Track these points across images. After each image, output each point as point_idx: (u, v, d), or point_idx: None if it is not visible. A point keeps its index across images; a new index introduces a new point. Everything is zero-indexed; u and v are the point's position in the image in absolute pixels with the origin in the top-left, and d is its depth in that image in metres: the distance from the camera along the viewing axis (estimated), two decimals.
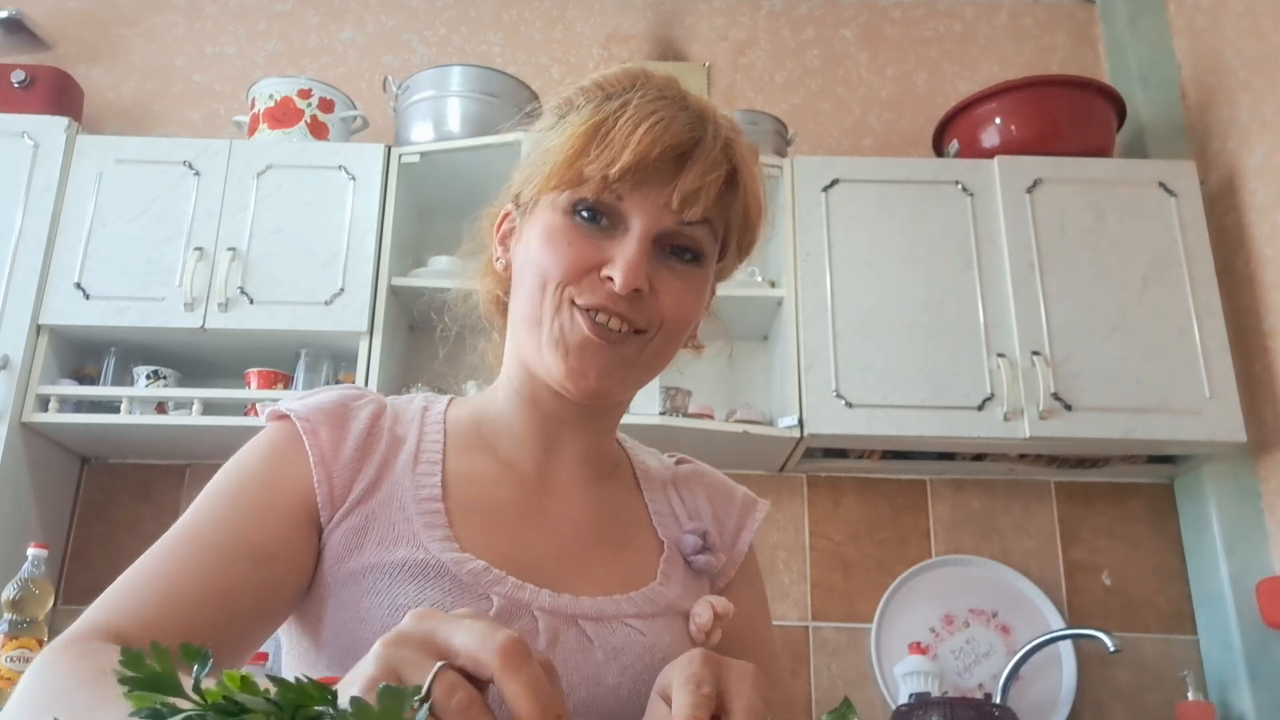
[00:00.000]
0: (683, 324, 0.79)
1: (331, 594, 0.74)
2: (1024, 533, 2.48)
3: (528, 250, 0.78)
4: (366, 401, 0.82)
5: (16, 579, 1.96)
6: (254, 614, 0.70)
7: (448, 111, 2.46)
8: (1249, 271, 2.39)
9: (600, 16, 2.94)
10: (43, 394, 2.21)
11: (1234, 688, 2.25)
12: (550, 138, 0.79)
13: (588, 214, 0.75)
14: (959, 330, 2.28)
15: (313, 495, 0.75)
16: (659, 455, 0.95)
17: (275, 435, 0.79)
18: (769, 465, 2.46)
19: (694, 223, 0.75)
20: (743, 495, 0.94)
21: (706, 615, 0.78)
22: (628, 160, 0.72)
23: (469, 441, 0.83)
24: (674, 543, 0.85)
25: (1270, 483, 2.30)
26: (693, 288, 0.78)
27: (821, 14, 2.96)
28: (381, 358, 2.24)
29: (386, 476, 0.77)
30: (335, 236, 2.30)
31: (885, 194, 2.38)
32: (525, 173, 0.81)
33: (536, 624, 0.73)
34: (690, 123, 0.75)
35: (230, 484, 0.75)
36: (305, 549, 0.74)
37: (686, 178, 0.74)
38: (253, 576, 0.70)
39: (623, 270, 0.73)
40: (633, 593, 0.79)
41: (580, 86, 0.81)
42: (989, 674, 2.33)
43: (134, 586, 0.68)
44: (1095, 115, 2.48)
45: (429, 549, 0.73)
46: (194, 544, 0.70)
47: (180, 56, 2.88)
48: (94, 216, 2.30)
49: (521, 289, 0.79)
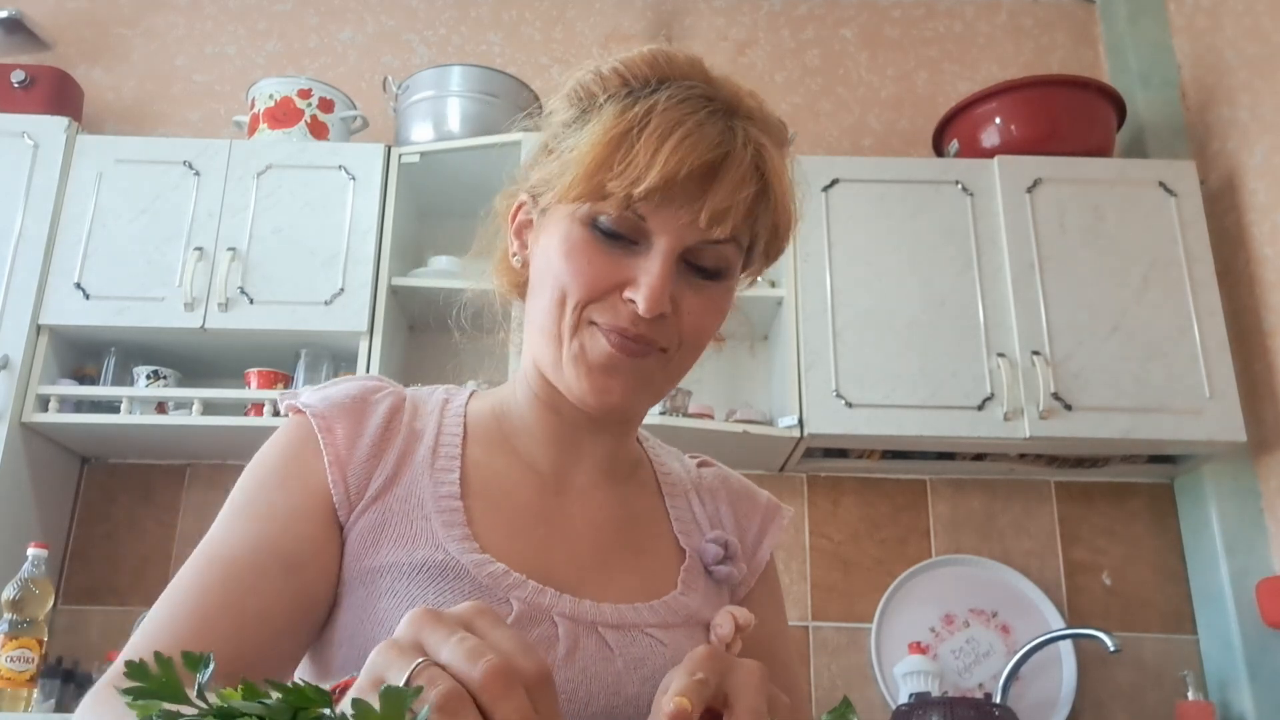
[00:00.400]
0: (704, 339, 0.76)
1: (348, 591, 0.72)
2: (1024, 532, 2.48)
3: (546, 258, 0.75)
4: (385, 394, 0.80)
5: (16, 579, 1.96)
6: (291, 629, 0.69)
7: (448, 111, 2.46)
8: (1249, 271, 2.39)
9: (600, 16, 2.94)
10: (43, 394, 2.21)
11: (1234, 687, 2.25)
12: (570, 137, 0.75)
13: (608, 232, 0.72)
14: (959, 330, 2.28)
15: (329, 494, 0.74)
16: (681, 456, 0.93)
17: (292, 434, 0.77)
18: (769, 465, 2.46)
19: (720, 241, 0.72)
20: (766, 501, 0.92)
21: (728, 627, 0.77)
22: (654, 180, 0.68)
23: (489, 437, 0.81)
24: (695, 551, 0.83)
25: (1270, 482, 2.30)
26: (715, 305, 0.75)
27: (821, 14, 2.96)
28: (381, 358, 2.24)
29: (405, 471, 0.76)
30: (335, 236, 2.30)
31: (885, 194, 2.38)
32: (543, 171, 0.77)
33: (556, 630, 0.71)
34: (719, 132, 0.71)
35: (252, 490, 0.74)
36: (330, 551, 0.73)
37: (716, 195, 0.69)
38: (286, 590, 0.68)
39: (646, 295, 0.69)
40: (654, 601, 0.77)
41: (599, 73, 0.75)
42: (989, 674, 2.33)
43: (169, 618, 0.66)
44: (1095, 115, 2.48)
45: (448, 549, 0.72)
46: (224, 564, 0.69)
47: (180, 56, 2.88)
48: (94, 216, 2.30)
49: (539, 298, 0.76)
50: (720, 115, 0.72)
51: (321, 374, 2.34)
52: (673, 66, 0.74)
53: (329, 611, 0.74)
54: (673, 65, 0.74)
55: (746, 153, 0.71)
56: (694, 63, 0.75)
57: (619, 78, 0.74)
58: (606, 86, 0.74)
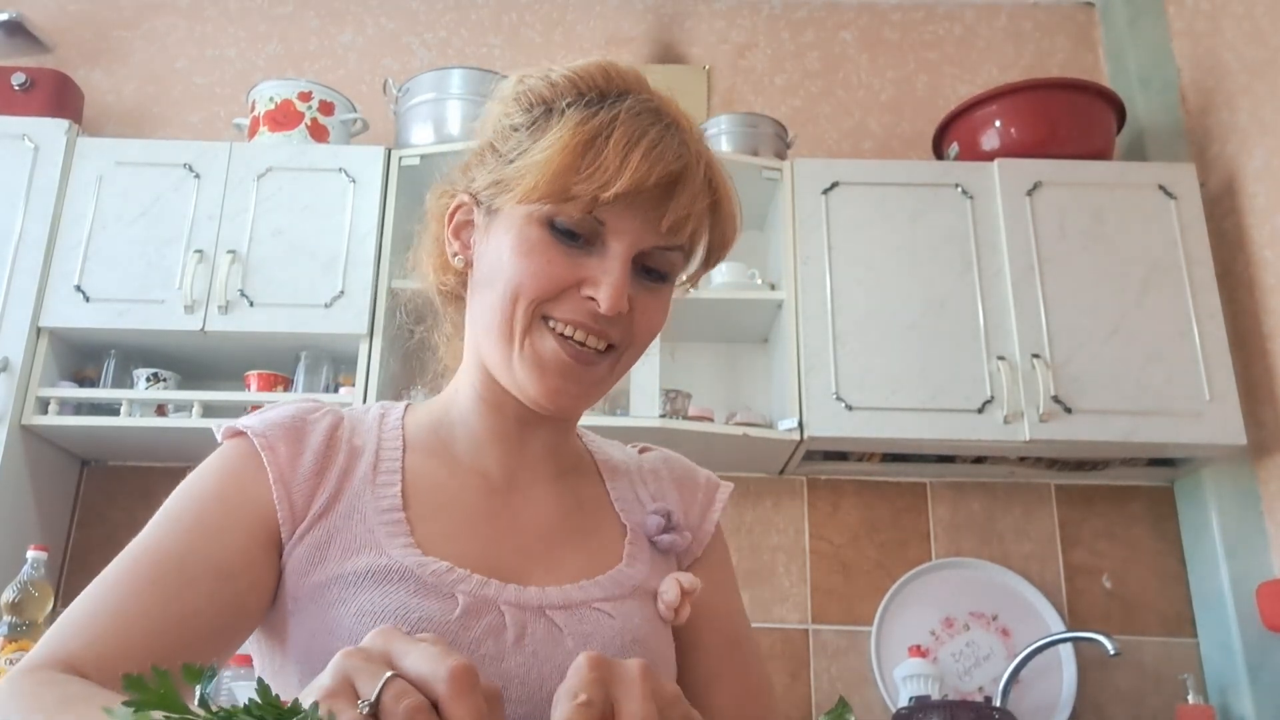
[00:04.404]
0: (651, 338, 0.80)
1: (297, 609, 0.73)
2: (1024, 535, 2.48)
3: (498, 258, 0.76)
4: (323, 414, 0.81)
5: (16, 581, 1.96)
6: (215, 634, 0.69)
7: (448, 114, 2.46)
8: (1249, 274, 2.39)
9: (600, 19, 2.94)
10: (43, 396, 2.21)
11: (1234, 691, 2.25)
12: (525, 141, 0.76)
13: (567, 232, 0.74)
14: (959, 333, 2.28)
15: (273, 513, 0.74)
16: (622, 447, 0.95)
17: (232, 453, 0.78)
18: (769, 468, 2.46)
19: (672, 247, 0.76)
20: (705, 478, 0.94)
21: (674, 592, 0.79)
22: (623, 185, 0.71)
23: (428, 446, 0.82)
24: (638, 525, 0.85)
25: (1270, 485, 2.30)
26: (662, 305, 0.79)
27: (821, 17, 2.96)
28: (382, 360, 2.24)
29: (346, 488, 0.77)
30: (335, 239, 2.30)
31: (885, 197, 2.39)
32: (494, 172, 0.78)
33: (504, 618, 0.73)
34: (678, 145, 0.75)
35: (188, 503, 0.76)
36: (266, 567, 0.73)
37: (677, 204, 0.74)
38: (213, 596, 0.69)
39: (609, 294, 0.73)
40: (599, 576, 0.79)
41: (549, 80, 0.77)
42: (989, 677, 2.33)
43: (92, 613, 0.67)
44: (1095, 118, 2.48)
45: (391, 555, 0.73)
46: (152, 566, 0.70)
47: (180, 59, 2.88)
48: (94, 219, 2.30)
49: (487, 297, 0.77)
50: (673, 129, 0.76)
51: (321, 376, 2.34)
52: (624, 79, 0.78)
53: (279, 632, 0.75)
54: (623, 78, 0.78)
55: (700, 167, 0.76)
56: (639, 77, 0.79)
57: (573, 86, 0.77)
58: (561, 94, 0.76)
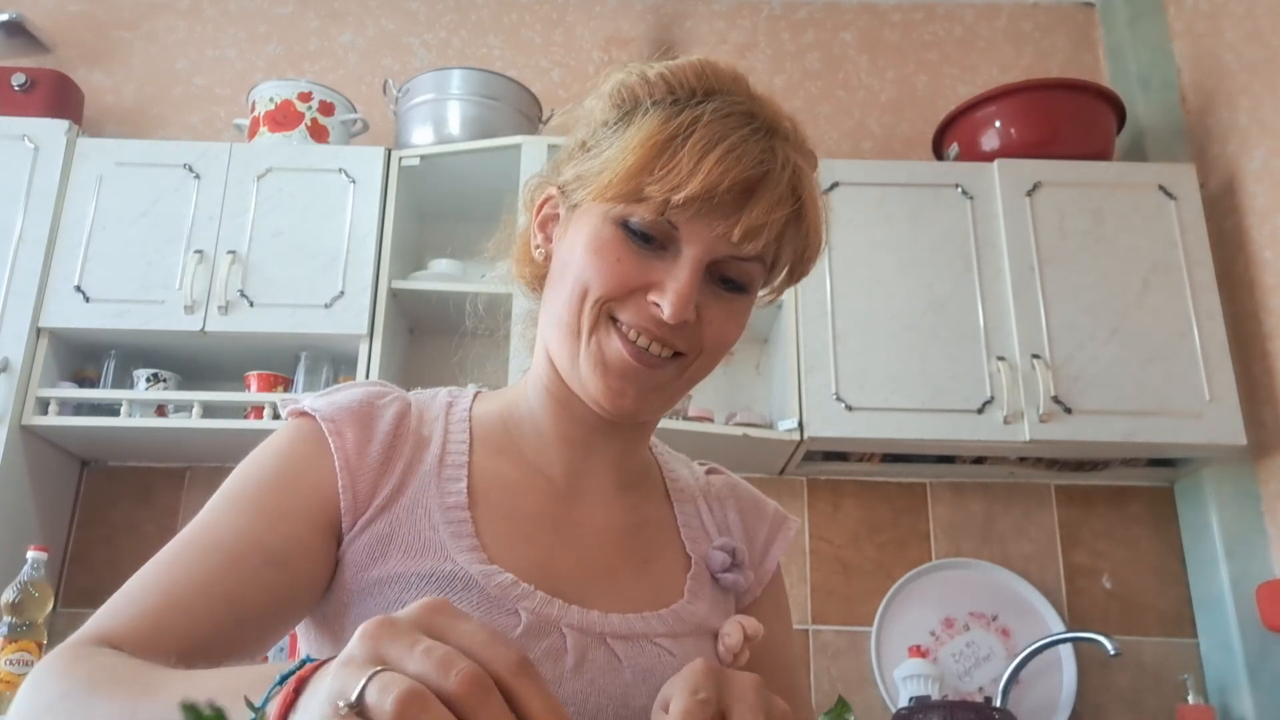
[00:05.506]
0: (723, 350, 0.76)
1: (355, 603, 0.72)
2: (1024, 536, 2.48)
3: (571, 253, 0.75)
4: (391, 400, 0.79)
5: (16, 582, 1.96)
6: (261, 619, 0.68)
7: (448, 114, 2.46)
8: (1249, 275, 2.39)
9: (600, 20, 2.94)
10: (42, 397, 2.21)
11: (1234, 691, 2.25)
12: (610, 137, 0.75)
13: (640, 233, 0.72)
14: (959, 333, 2.27)
15: (336, 501, 0.72)
16: (689, 463, 0.93)
17: (297, 435, 0.75)
18: (769, 468, 2.46)
19: (749, 257, 0.73)
20: (773, 511, 0.92)
21: (736, 636, 0.77)
22: (695, 189, 0.68)
23: (496, 442, 0.80)
24: (702, 559, 0.83)
25: (1270, 486, 2.30)
26: (736, 317, 0.76)
27: (821, 17, 2.96)
28: (381, 361, 2.24)
29: (411, 481, 0.75)
30: (335, 239, 2.30)
31: (885, 197, 2.38)
32: (579, 167, 0.77)
33: (565, 641, 0.71)
34: (761, 150, 0.71)
35: (246, 485, 0.73)
36: (322, 555, 0.72)
37: (752, 212, 0.70)
38: (262, 581, 0.68)
39: (673, 302, 0.70)
40: (662, 610, 0.77)
41: (644, 77, 0.75)
42: (989, 677, 2.33)
43: (138, 591, 0.66)
44: (1095, 118, 2.48)
45: (456, 560, 0.71)
46: (200, 546, 0.68)
47: (180, 59, 2.88)
48: (94, 219, 2.30)
49: (559, 290, 0.76)
50: (762, 134, 0.72)
51: (321, 377, 2.34)
52: (718, 79, 0.75)
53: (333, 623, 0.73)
54: (718, 78, 0.75)
55: (785, 174, 0.72)
56: (738, 78, 0.76)
57: (665, 84, 0.74)
58: (651, 91, 0.75)
